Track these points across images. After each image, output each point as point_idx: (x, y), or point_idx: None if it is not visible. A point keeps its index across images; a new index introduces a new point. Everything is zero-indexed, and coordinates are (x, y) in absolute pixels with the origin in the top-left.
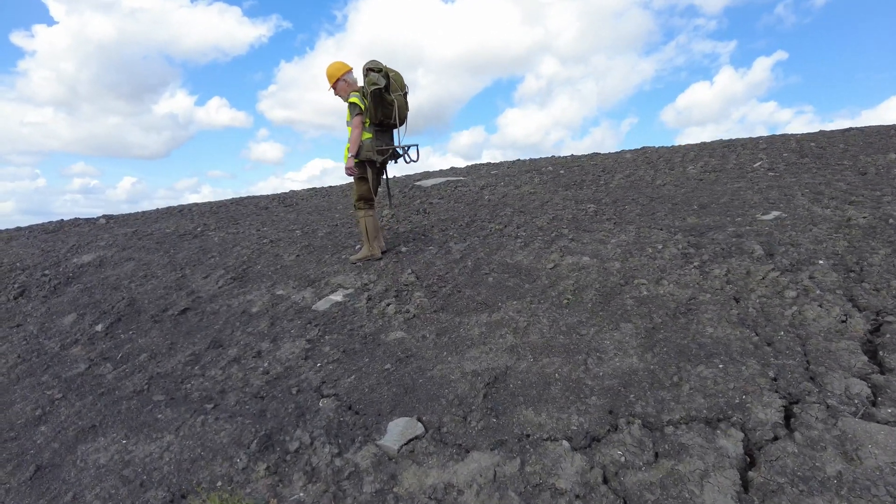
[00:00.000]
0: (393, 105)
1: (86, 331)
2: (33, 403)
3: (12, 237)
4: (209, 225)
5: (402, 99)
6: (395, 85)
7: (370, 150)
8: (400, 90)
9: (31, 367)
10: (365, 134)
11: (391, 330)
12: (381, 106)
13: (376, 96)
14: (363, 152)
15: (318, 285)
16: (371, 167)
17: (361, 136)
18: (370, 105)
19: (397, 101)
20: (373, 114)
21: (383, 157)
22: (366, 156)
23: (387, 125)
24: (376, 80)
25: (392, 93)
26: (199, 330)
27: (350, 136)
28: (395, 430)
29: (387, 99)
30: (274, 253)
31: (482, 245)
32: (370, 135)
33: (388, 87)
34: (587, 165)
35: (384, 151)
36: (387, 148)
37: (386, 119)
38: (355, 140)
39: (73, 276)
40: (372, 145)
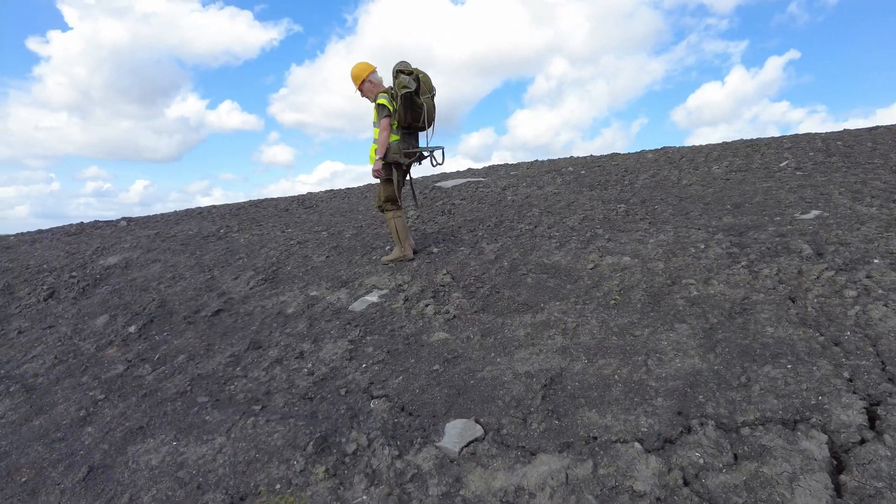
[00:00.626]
0: (422, 108)
1: (119, 332)
2: (77, 404)
3: (36, 239)
4: (232, 227)
5: (431, 101)
6: (425, 87)
7: (397, 153)
8: (428, 92)
9: (69, 369)
10: (392, 136)
11: (433, 331)
12: (410, 109)
13: (407, 99)
14: (390, 154)
15: (352, 286)
16: (397, 169)
17: (389, 139)
18: (399, 108)
19: (426, 104)
20: (402, 116)
21: (409, 160)
22: (392, 158)
23: (414, 127)
24: (407, 84)
25: (421, 95)
26: (236, 331)
27: (377, 137)
28: (453, 431)
29: (416, 102)
30: (302, 254)
31: (515, 245)
32: (397, 137)
33: (419, 89)
34: (608, 166)
35: (411, 154)
36: (413, 151)
37: (415, 122)
38: (383, 142)
39: (100, 278)
40: (399, 148)
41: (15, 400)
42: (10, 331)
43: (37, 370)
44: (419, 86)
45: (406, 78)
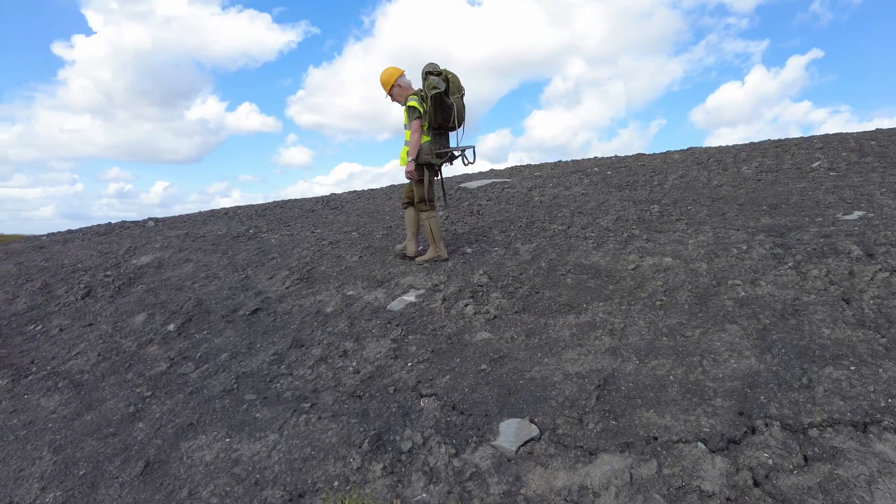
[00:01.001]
0: (452, 108)
1: (158, 330)
2: (125, 400)
3: (67, 239)
4: (261, 227)
5: (460, 101)
6: (454, 87)
7: (429, 154)
8: (458, 92)
9: (113, 366)
10: (423, 137)
11: (475, 331)
12: (440, 109)
13: (436, 100)
14: (422, 155)
15: (388, 286)
16: (429, 170)
17: (421, 140)
18: (430, 109)
19: (456, 104)
20: (432, 117)
21: (441, 160)
22: (424, 159)
23: (445, 128)
24: (436, 84)
25: (451, 95)
26: (276, 330)
27: (409, 139)
28: (508, 431)
29: (446, 102)
30: (335, 254)
31: (551, 246)
32: (428, 138)
33: (448, 90)
34: (634, 166)
35: (442, 154)
36: (445, 151)
37: (445, 122)
38: (415, 144)
39: (134, 277)
40: (430, 148)
41: (64, 395)
42: (52, 328)
43: (82, 367)
44: (448, 86)
45: (435, 79)
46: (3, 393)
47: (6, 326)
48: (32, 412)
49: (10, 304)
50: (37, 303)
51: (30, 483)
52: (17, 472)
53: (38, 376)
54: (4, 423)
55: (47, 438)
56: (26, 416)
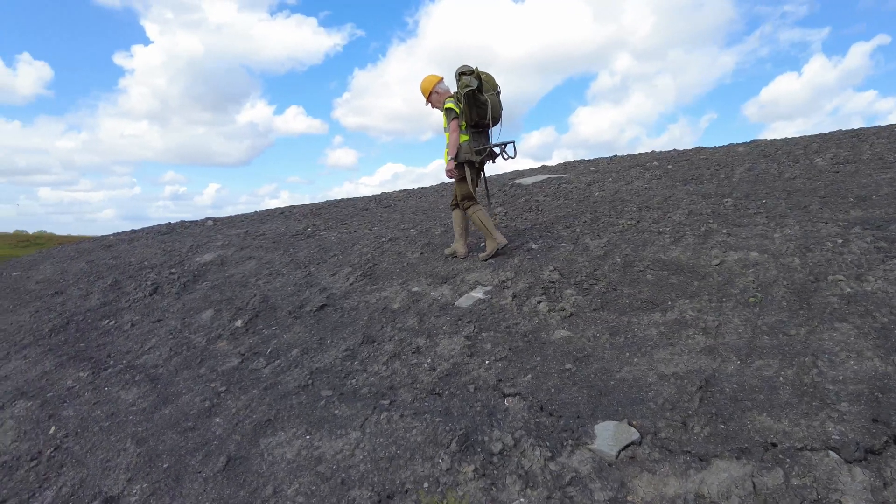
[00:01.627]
0: (486, 105)
1: (226, 326)
2: (200, 395)
3: (132, 239)
4: (318, 225)
5: (496, 98)
6: (487, 85)
7: (468, 152)
8: (492, 90)
9: (185, 361)
10: (462, 137)
11: (551, 328)
12: (475, 107)
13: (470, 98)
14: (462, 154)
15: (453, 283)
16: (470, 168)
17: (459, 139)
18: (465, 107)
19: (490, 101)
20: (468, 115)
21: (481, 157)
22: (464, 157)
23: (482, 126)
24: (469, 83)
25: (485, 93)
26: (344, 326)
27: (448, 140)
28: (605, 434)
29: (480, 99)
30: (396, 251)
31: (623, 241)
32: (467, 137)
33: (481, 87)
34: (696, 160)
35: (482, 151)
36: (484, 147)
37: (481, 119)
38: (454, 143)
39: (198, 274)
40: (470, 147)
41: (142, 388)
42: (124, 323)
43: (155, 361)
44: (481, 83)
45: (468, 78)
46: (85, 385)
47: (83, 321)
48: (113, 404)
49: (85, 300)
50: (108, 299)
51: (117, 474)
52: (104, 463)
53: (116, 369)
54: (89, 415)
55: (130, 430)
56: (108, 408)
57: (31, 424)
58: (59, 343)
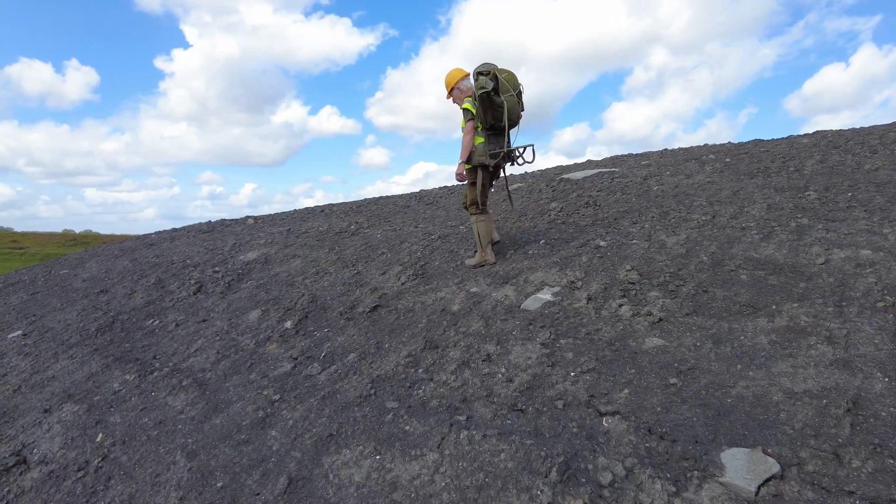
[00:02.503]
0: (502, 108)
1: (274, 327)
2: (252, 403)
3: (174, 237)
4: (361, 223)
5: (514, 99)
6: (507, 86)
7: (483, 155)
8: (512, 90)
9: (234, 364)
10: (478, 139)
11: (640, 336)
12: (490, 109)
13: (484, 100)
14: (475, 157)
15: (516, 283)
16: (483, 171)
17: (473, 142)
18: (479, 109)
19: (508, 102)
20: (482, 117)
21: (496, 161)
22: (478, 161)
23: (499, 128)
24: (484, 84)
25: (503, 94)
26: (402, 328)
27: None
28: (736, 464)
29: (496, 101)
30: (447, 249)
31: (704, 238)
32: (482, 139)
33: (497, 88)
34: (756, 153)
35: (496, 155)
36: (499, 151)
37: (496, 122)
38: (466, 145)
39: (243, 273)
40: (485, 150)
41: (190, 395)
42: (168, 323)
43: (203, 365)
44: (498, 84)
45: (483, 79)
46: (131, 389)
47: (127, 321)
48: (161, 411)
49: (129, 299)
50: (152, 298)
51: (167, 491)
52: (153, 478)
53: (163, 373)
54: (136, 422)
55: (179, 441)
56: (156, 416)
57: (78, 430)
58: (105, 343)
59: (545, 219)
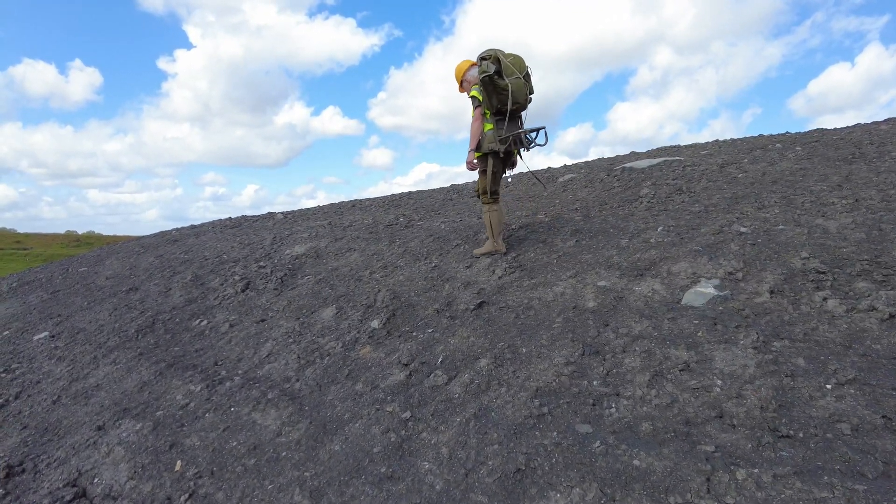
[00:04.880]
0: (507, 90)
1: (358, 327)
2: (377, 423)
3: (198, 233)
4: (410, 216)
5: (520, 82)
6: (511, 68)
7: (492, 142)
8: (518, 73)
9: (326, 372)
10: (487, 125)
11: (880, 335)
12: (495, 93)
13: (487, 84)
14: (485, 144)
15: (657, 275)
16: (494, 158)
17: (483, 129)
18: (483, 94)
19: (513, 85)
20: (487, 102)
21: (506, 146)
22: (488, 147)
23: (506, 112)
24: (486, 68)
25: (507, 77)
26: (531, 329)
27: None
28: None
29: (499, 84)
30: (538, 239)
31: (875, 221)
32: (491, 125)
33: (500, 71)
34: (829, 140)
35: (506, 140)
36: (508, 136)
37: (502, 106)
38: (474, 133)
39: (294, 268)
40: (494, 136)
41: (283, 411)
42: (219, 323)
43: (284, 372)
44: (499, 67)
45: (485, 63)
46: (201, 402)
47: (169, 321)
48: (251, 432)
49: (166, 297)
50: (193, 296)
51: None
52: None
53: (235, 383)
54: (222, 446)
55: (291, 474)
56: (246, 438)
57: (147, 455)
58: (150, 346)
59: (638, 206)
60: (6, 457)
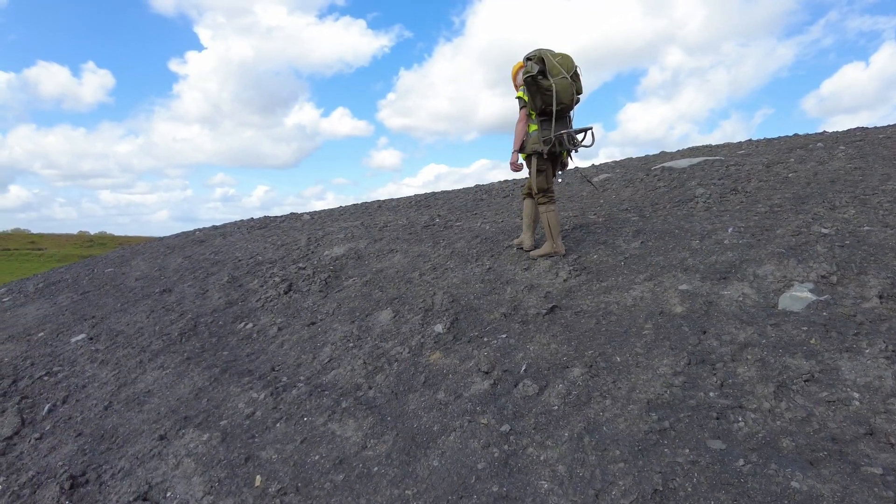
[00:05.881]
0: (551, 90)
1: (419, 331)
2: (472, 436)
3: (224, 234)
4: (446, 216)
5: (566, 82)
6: (558, 68)
7: (536, 142)
8: (565, 73)
9: (399, 379)
10: (532, 126)
11: None
12: (539, 93)
13: (530, 84)
14: (529, 145)
15: (743, 278)
16: (539, 159)
17: (527, 129)
18: (528, 95)
19: (558, 85)
20: (531, 103)
21: (549, 147)
22: (532, 148)
23: (551, 112)
24: (529, 69)
25: (552, 77)
26: (620, 336)
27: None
28: None
29: (543, 85)
30: (598, 241)
31: None
32: (535, 126)
33: (544, 71)
34: (875, 139)
35: (549, 140)
36: (551, 137)
37: (546, 106)
38: (518, 134)
39: (337, 269)
40: (538, 137)
41: (361, 421)
42: (266, 326)
43: (353, 379)
44: (543, 67)
45: (529, 63)
46: (268, 411)
47: (213, 324)
48: (332, 444)
49: (204, 299)
50: (233, 298)
51: None
52: None
53: (301, 390)
54: (303, 459)
55: (390, 492)
56: (328, 451)
57: (222, 469)
58: (196, 350)
59: (695, 206)
60: (66, 466)
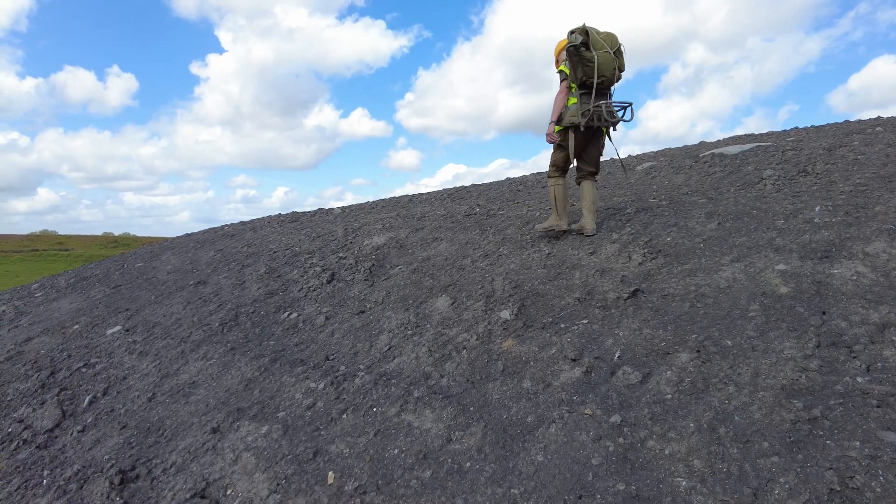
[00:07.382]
0: (593, 62)
1: (487, 318)
2: (577, 428)
3: (255, 228)
4: (486, 206)
5: (609, 56)
6: (601, 43)
7: (574, 115)
8: (608, 48)
9: (473, 367)
10: (571, 99)
11: None
12: (580, 64)
13: (573, 54)
14: (566, 118)
15: (851, 256)
16: (576, 133)
17: (566, 102)
18: (570, 66)
19: (600, 57)
20: (572, 75)
21: (586, 120)
22: (569, 121)
23: (591, 85)
24: (573, 39)
25: (595, 50)
26: (720, 319)
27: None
28: None
29: (585, 56)
30: (666, 223)
31: None
32: (575, 99)
33: (588, 43)
34: None
35: (587, 113)
36: (589, 109)
37: (587, 78)
38: (557, 105)
39: (382, 258)
40: (577, 110)
41: (441, 412)
42: (312, 315)
43: (420, 367)
44: (587, 39)
45: (573, 35)
46: (330, 402)
47: (254, 314)
48: (412, 437)
49: (242, 290)
50: (273, 288)
51: None
52: None
53: (364, 380)
54: (379, 455)
55: (492, 492)
56: (407, 444)
57: (289, 465)
58: (240, 340)
59: (764, 187)
60: (113, 460)
